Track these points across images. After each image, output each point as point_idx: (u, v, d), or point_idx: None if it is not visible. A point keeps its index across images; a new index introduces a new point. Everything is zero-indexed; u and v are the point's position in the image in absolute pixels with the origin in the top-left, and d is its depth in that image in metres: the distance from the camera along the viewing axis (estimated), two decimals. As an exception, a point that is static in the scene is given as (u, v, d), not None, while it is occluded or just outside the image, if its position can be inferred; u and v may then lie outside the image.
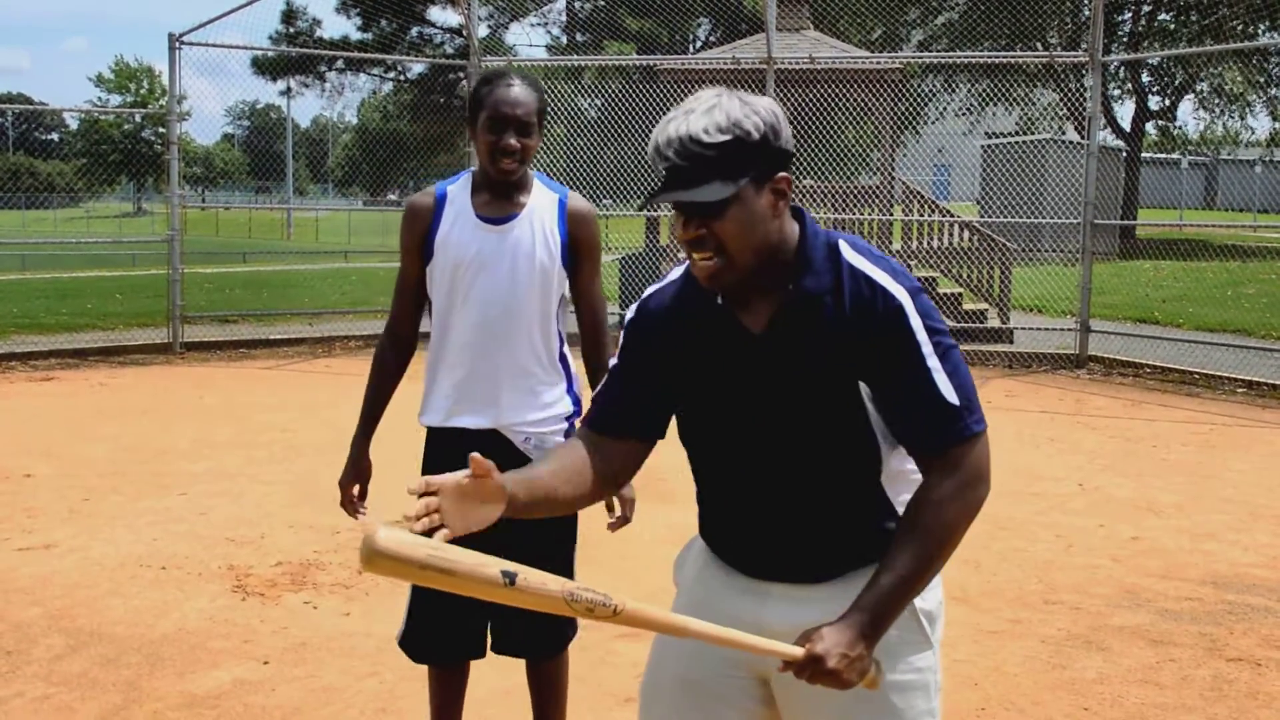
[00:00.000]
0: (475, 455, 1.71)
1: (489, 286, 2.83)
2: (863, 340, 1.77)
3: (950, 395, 1.76)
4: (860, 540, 1.87)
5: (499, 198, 2.86)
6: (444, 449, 2.91)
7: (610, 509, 2.94)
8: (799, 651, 1.73)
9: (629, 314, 1.98)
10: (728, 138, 1.70)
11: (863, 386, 1.79)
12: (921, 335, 1.77)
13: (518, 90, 2.77)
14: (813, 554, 1.87)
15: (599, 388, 1.99)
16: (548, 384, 2.91)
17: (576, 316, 3.00)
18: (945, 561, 1.79)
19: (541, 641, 3.02)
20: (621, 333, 1.98)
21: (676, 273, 1.95)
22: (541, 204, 2.89)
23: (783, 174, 1.77)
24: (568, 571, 2.93)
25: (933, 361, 1.76)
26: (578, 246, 2.90)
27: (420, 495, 1.67)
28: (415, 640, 2.97)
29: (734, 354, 1.85)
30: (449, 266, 2.85)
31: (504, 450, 2.85)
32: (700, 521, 2.04)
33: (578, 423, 2.62)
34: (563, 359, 2.96)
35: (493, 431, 2.87)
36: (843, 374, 1.79)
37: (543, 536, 2.73)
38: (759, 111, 1.74)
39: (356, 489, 3.01)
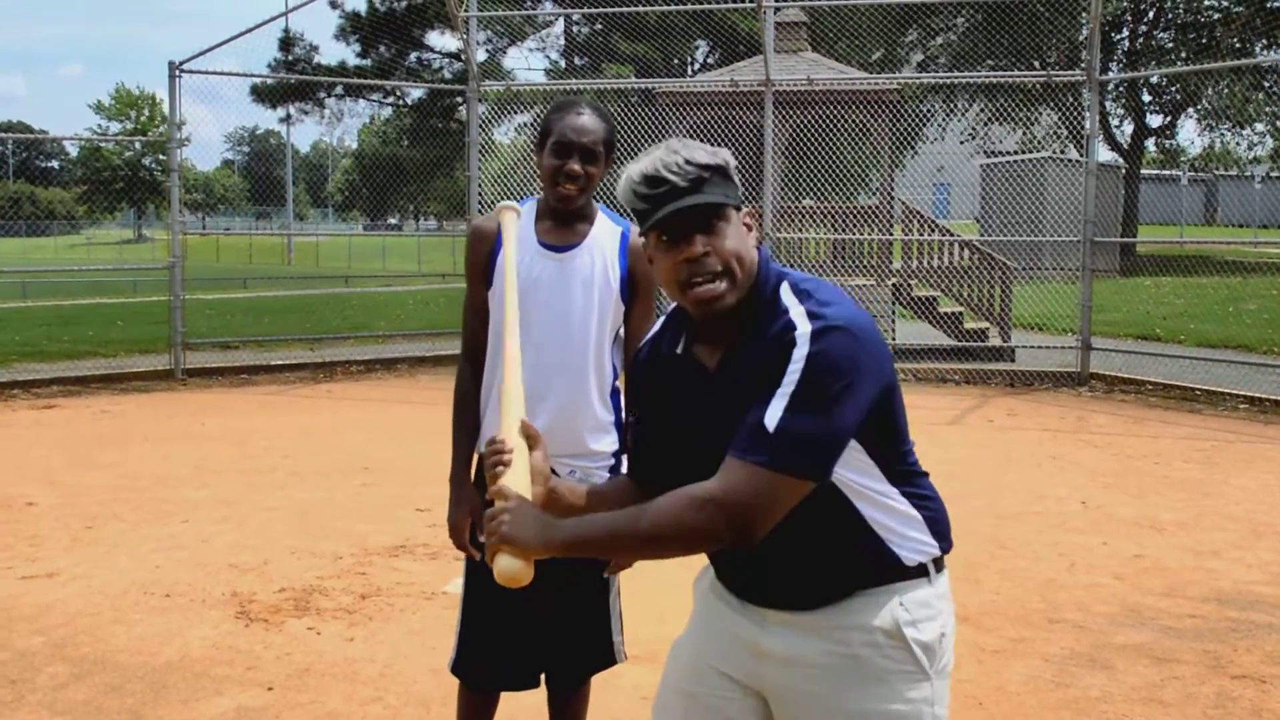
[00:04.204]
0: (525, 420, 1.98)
1: (546, 313, 2.80)
2: (772, 372, 1.78)
3: (771, 421, 1.73)
4: (843, 564, 1.88)
5: (561, 225, 2.83)
6: None
7: None
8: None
9: (631, 368, 2.11)
10: (718, 162, 1.89)
11: None
12: (797, 365, 1.74)
13: (586, 118, 2.76)
14: (796, 582, 1.89)
15: (630, 441, 2.12)
16: (597, 418, 2.85)
17: (624, 351, 2.92)
18: (641, 550, 1.84)
19: (587, 675, 3.02)
20: (625, 389, 2.06)
21: (657, 325, 2.08)
22: (604, 235, 2.86)
23: (748, 209, 1.93)
24: (606, 620, 2.95)
25: (788, 389, 1.74)
26: (636, 281, 2.86)
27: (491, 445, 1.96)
28: (471, 668, 2.93)
29: (693, 392, 1.94)
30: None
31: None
32: None
33: (623, 468, 2.75)
34: (614, 393, 2.89)
35: None
36: None
37: (580, 587, 2.86)
38: (723, 152, 1.92)
39: (469, 525, 2.90)
